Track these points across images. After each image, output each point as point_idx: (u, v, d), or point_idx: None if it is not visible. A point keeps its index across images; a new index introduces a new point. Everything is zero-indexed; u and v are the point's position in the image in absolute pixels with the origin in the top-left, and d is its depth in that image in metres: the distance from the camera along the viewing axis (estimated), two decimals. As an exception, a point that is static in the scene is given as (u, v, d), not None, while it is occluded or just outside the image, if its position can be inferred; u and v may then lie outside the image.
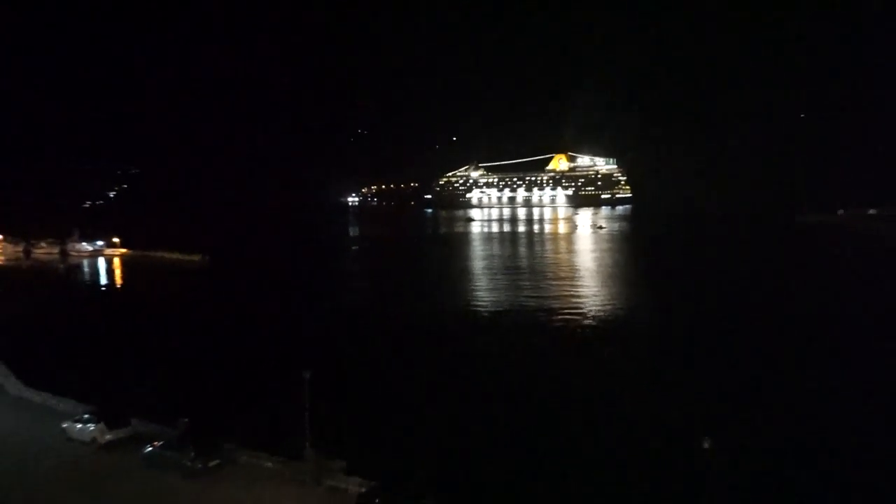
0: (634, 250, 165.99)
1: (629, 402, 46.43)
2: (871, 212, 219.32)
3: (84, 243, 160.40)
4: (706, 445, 23.89)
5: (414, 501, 28.71)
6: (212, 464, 33.76)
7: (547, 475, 34.73)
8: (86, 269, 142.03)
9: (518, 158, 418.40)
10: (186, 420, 37.57)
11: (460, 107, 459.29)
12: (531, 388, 50.52)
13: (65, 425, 38.96)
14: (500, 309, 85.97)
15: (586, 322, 76.70)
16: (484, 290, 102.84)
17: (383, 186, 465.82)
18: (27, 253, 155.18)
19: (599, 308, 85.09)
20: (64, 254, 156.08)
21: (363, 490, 30.39)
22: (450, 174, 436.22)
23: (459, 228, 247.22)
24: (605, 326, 74.81)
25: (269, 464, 34.49)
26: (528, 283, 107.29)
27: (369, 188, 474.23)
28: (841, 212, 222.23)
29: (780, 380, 51.51)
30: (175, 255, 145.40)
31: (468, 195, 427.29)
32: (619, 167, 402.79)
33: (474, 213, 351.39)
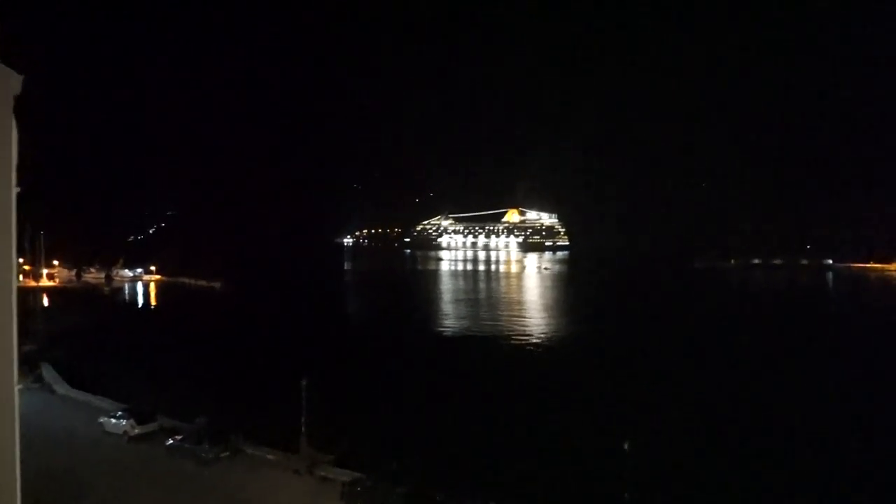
0: (567, 287, 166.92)
1: (565, 404, 46.15)
2: (755, 261, 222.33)
3: (126, 270, 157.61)
4: (626, 447, 23.52)
5: (392, 487, 27.99)
6: (222, 454, 32.91)
7: (504, 465, 34.09)
8: (126, 292, 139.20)
9: (480, 211, 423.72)
10: (203, 417, 36.72)
11: (436, 170, 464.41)
12: (493, 392, 50.09)
13: (101, 420, 37.87)
14: (465, 330, 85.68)
15: (532, 341, 76.69)
16: (451, 314, 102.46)
17: (373, 230, 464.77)
18: (78, 277, 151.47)
19: (542, 331, 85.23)
20: (109, 278, 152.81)
21: (349, 479, 29.76)
22: (425, 222, 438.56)
23: (431, 266, 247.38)
24: (548, 345, 74.85)
25: (271, 455, 33.64)
26: (486, 312, 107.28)
27: (361, 231, 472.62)
28: (733, 261, 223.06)
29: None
30: (200, 282, 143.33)
31: (439, 239, 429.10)
32: (559, 220, 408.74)
33: (443, 254, 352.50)
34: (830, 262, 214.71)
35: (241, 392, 48.41)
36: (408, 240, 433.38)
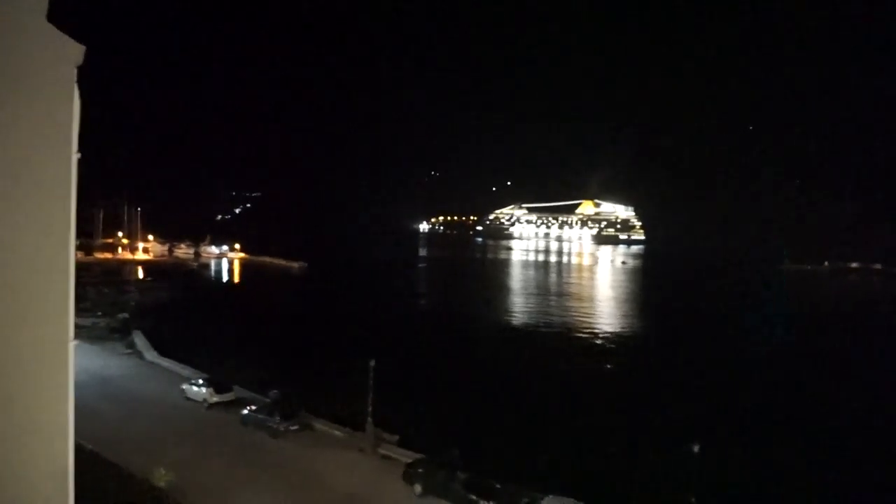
0: (643, 283, 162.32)
1: (628, 402, 45.07)
2: (853, 265, 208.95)
3: (213, 247, 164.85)
4: (696, 449, 22.54)
5: (453, 471, 28.07)
6: (293, 427, 33.90)
7: (559, 457, 33.62)
8: (212, 268, 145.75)
9: (554, 202, 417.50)
10: (276, 391, 37.92)
11: (513, 159, 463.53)
12: (549, 384, 49.51)
13: (183, 387, 39.76)
14: (531, 322, 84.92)
15: (601, 337, 75.14)
16: (520, 306, 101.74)
17: (448, 218, 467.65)
18: (170, 252, 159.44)
19: (611, 328, 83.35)
20: (197, 255, 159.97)
21: (411, 460, 30.09)
22: (498, 211, 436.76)
23: (501, 255, 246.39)
24: (616, 341, 73.16)
25: (337, 432, 34.42)
26: (555, 305, 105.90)
27: (437, 218, 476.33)
28: (826, 263, 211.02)
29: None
30: (280, 261, 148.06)
31: (511, 229, 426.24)
32: (635, 214, 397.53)
33: (515, 244, 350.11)
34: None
35: (313, 369, 49.78)
36: (480, 228, 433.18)
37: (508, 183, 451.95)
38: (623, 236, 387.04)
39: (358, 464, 30.78)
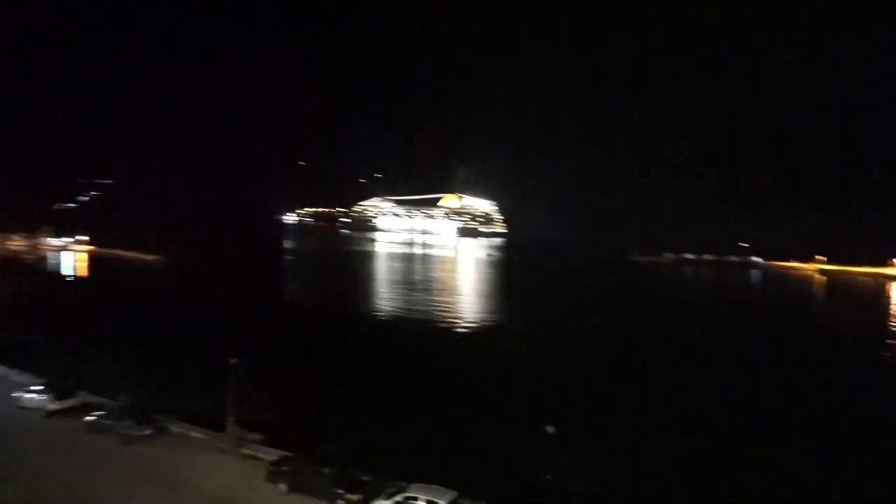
0: (501, 274, 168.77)
1: (492, 388, 46.52)
2: (688, 256, 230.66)
3: (54, 238, 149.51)
4: (550, 430, 23.68)
5: (318, 466, 27.44)
6: (146, 432, 31.60)
7: (431, 448, 33.94)
8: (52, 262, 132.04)
9: (418, 195, 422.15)
10: (126, 394, 35.15)
11: (381, 150, 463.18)
12: (417, 374, 49.99)
13: (15, 395, 35.74)
14: (396, 313, 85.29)
15: (464, 325, 77.07)
16: (385, 297, 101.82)
17: (317, 209, 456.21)
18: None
19: (473, 316, 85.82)
20: (34, 247, 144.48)
21: (275, 458, 29.08)
22: (365, 203, 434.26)
23: (367, 247, 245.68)
24: (480, 329, 75.33)
25: (196, 434, 32.54)
26: (420, 295, 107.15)
27: (305, 210, 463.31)
28: (666, 255, 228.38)
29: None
30: (134, 254, 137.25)
31: (376, 221, 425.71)
32: (497, 208, 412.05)
33: (379, 236, 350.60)
34: (759, 260, 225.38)
35: (168, 369, 46.54)
36: (346, 220, 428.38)
37: (378, 175, 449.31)
38: (485, 229, 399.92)
39: (220, 466, 29.29)
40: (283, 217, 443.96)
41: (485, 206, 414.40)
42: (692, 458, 33.97)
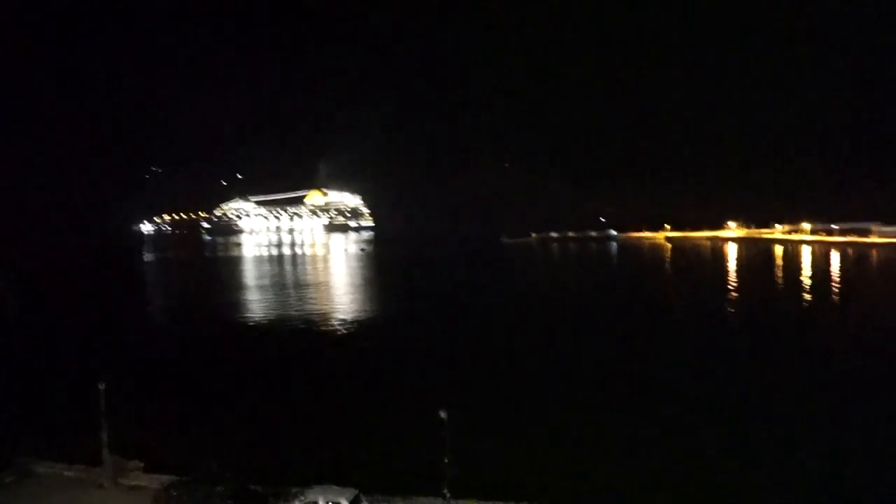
0: (374, 267, 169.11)
1: (380, 384, 47.02)
2: (553, 235, 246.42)
3: None
4: (443, 415, 24.45)
5: (211, 486, 26.47)
6: (8, 479, 28.74)
7: (324, 451, 33.79)
8: None
9: (282, 193, 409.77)
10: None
11: (240, 150, 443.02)
12: (299, 376, 49.31)
13: None
14: (270, 317, 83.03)
15: (344, 324, 76.67)
16: (257, 301, 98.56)
17: (175, 216, 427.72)
18: None
19: (351, 313, 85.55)
20: None
21: (162, 486, 27.65)
22: (225, 206, 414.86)
23: (233, 252, 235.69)
24: (360, 326, 75.29)
25: (69, 472, 30.08)
26: (293, 296, 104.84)
27: (162, 217, 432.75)
28: (534, 235, 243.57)
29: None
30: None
31: (240, 224, 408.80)
32: (363, 201, 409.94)
33: (245, 238, 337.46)
34: (614, 233, 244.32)
35: (26, 405, 42.38)
36: (208, 226, 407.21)
37: (238, 176, 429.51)
38: (353, 224, 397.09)
39: (102, 502, 27.39)
40: (139, 226, 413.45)
41: (351, 200, 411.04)
42: (582, 432, 36.63)
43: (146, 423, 34.78)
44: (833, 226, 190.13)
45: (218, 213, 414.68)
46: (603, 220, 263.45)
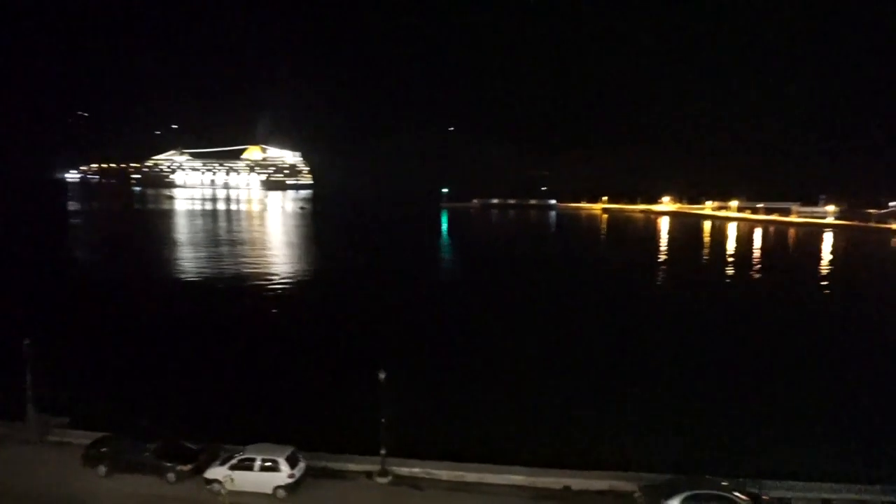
0: (312, 226, 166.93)
1: (317, 341, 47.12)
2: (494, 201, 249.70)
3: None
4: (382, 376, 24.95)
5: (140, 442, 26.23)
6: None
7: (254, 408, 33.86)
8: None
9: (218, 147, 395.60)
10: None
11: (175, 100, 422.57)
12: (231, 334, 48.86)
13: None
14: (204, 274, 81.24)
15: (277, 281, 75.90)
16: (189, 258, 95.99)
17: (102, 165, 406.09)
18: None
19: (286, 271, 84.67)
20: None
21: (90, 441, 27.20)
22: (158, 157, 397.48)
23: (165, 206, 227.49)
24: (293, 284, 74.76)
25: (-9, 428, 29.20)
26: (227, 254, 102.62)
27: (90, 166, 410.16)
28: (475, 201, 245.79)
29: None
30: None
31: (173, 176, 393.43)
32: (303, 159, 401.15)
33: (178, 192, 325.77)
34: (554, 202, 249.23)
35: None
36: (138, 176, 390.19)
37: (174, 126, 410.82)
38: (291, 182, 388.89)
39: (27, 458, 26.74)
40: (63, 175, 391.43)
41: (290, 157, 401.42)
42: (507, 394, 37.93)
43: (73, 381, 34.03)
44: (758, 205, 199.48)
45: (150, 164, 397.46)
46: (544, 188, 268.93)
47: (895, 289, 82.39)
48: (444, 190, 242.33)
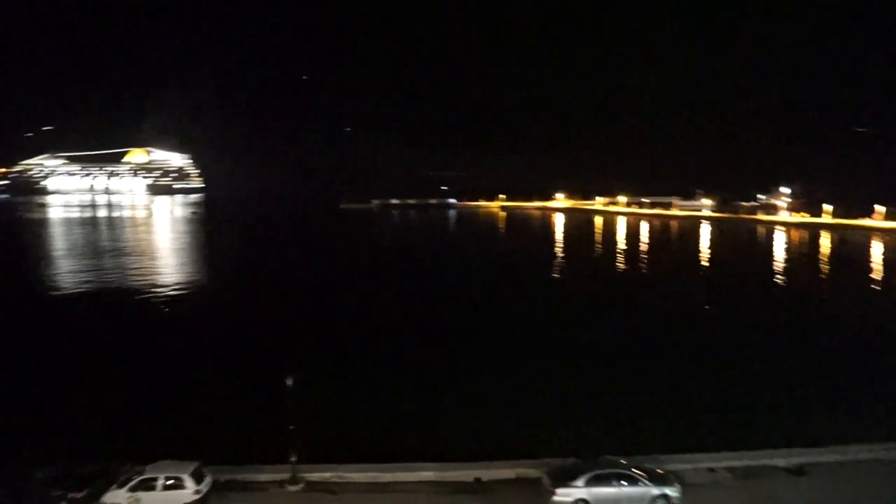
0: (202, 232, 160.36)
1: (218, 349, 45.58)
2: (394, 202, 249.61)
3: None
4: (289, 382, 24.70)
5: (25, 471, 24.43)
6: None
7: (145, 418, 32.37)
8: None
9: (97, 150, 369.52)
10: None
11: (49, 101, 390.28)
12: (121, 349, 46.34)
13: None
14: (85, 286, 76.14)
15: (167, 292, 72.51)
16: (69, 270, 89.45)
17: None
18: None
19: (177, 281, 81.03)
20: None
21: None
22: (28, 162, 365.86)
23: (37, 215, 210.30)
24: (186, 294, 71.67)
25: None
26: (111, 264, 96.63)
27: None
28: (374, 202, 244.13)
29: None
30: None
31: (46, 182, 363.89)
32: (192, 162, 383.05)
33: (52, 199, 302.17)
34: (454, 201, 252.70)
35: None
36: (5, 183, 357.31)
37: (47, 128, 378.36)
38: (180, 185, 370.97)
39: None
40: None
41: (177, 160, 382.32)
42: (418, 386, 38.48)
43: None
44: (643, 199, 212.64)
45: (18, 169, 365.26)
46: (444, 188, 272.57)
47: (760, 271, 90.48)
48: (343, 190, 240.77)
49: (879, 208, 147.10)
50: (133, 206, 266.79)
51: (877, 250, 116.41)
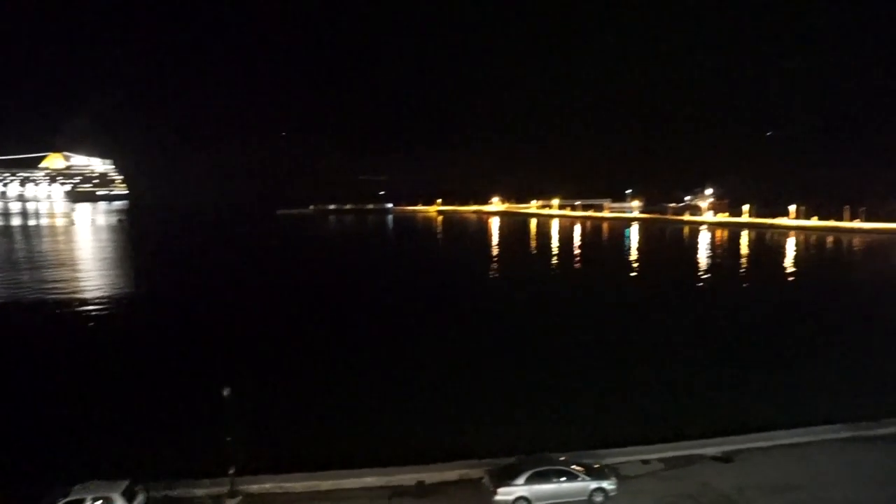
0: (135, 241, 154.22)
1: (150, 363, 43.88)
2: (331, 207, 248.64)
3: None
4: (226, 393, 24.13)
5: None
6: None
7: (70, 436, 30.84)
8: None
9: (10, 155, 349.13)
10: None
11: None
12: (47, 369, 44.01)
13: None
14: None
15: (89, 304, 69.31)
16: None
17: None
18: None
19: (99, 292, 77.60)
20: None
21: None
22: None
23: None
24: (108, 304, 68.71)
25: None
26: (27, 276, 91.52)
27: None
28: (312, 208, 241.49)
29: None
30: None
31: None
32: (115, 167, 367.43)
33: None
34: (391, 206, 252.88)
35: None
36: None
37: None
38: (102, 192, 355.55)
39: None
40: None
41: (100, 165, 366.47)
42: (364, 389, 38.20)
43: None
44: (576, 202, 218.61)
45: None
46: (382, 193, 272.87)
47: (684, 267, 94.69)
48: (279, 196, 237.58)
49: (791, 208, 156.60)
50: (51, 214, 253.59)
51: (774, 246, 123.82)
